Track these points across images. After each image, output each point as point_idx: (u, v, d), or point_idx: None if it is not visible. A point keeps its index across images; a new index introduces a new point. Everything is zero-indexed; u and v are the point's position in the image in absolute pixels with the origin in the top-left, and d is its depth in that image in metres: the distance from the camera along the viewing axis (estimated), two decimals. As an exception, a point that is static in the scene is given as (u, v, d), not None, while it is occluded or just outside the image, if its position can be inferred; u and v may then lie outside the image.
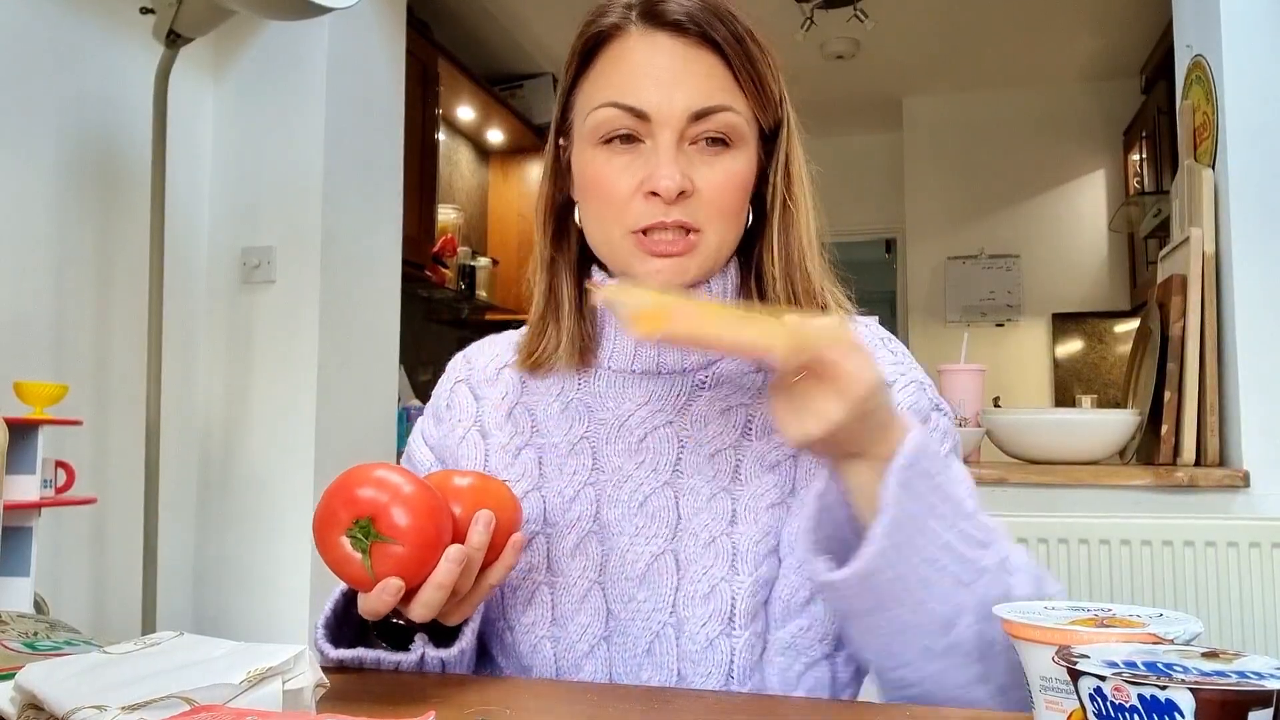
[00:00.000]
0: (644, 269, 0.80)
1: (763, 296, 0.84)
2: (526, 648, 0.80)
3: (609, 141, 0.81)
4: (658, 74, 0.79)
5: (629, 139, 0.80)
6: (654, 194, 0.78)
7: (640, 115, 0.79)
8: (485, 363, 0.93)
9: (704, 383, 0.84)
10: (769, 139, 0.86)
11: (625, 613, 0.78)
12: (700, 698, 0.70)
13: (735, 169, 0.81)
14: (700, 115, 0.79)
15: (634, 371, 0.85)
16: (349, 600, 0.78)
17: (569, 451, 0.84)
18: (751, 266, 0.86)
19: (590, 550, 0.81)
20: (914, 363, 0.87)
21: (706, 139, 0.80)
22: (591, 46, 0.83)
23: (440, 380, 0.97)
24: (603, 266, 0.86)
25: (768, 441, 0.81)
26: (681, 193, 0.78)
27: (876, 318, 0.94)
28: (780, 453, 0.81)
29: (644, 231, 0.79)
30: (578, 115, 0.85)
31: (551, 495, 0.83)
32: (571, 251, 0.89)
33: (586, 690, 0.73)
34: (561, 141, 0.89)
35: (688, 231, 0.79)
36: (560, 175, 0.89)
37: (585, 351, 0.86)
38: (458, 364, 0.96)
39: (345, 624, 0.79)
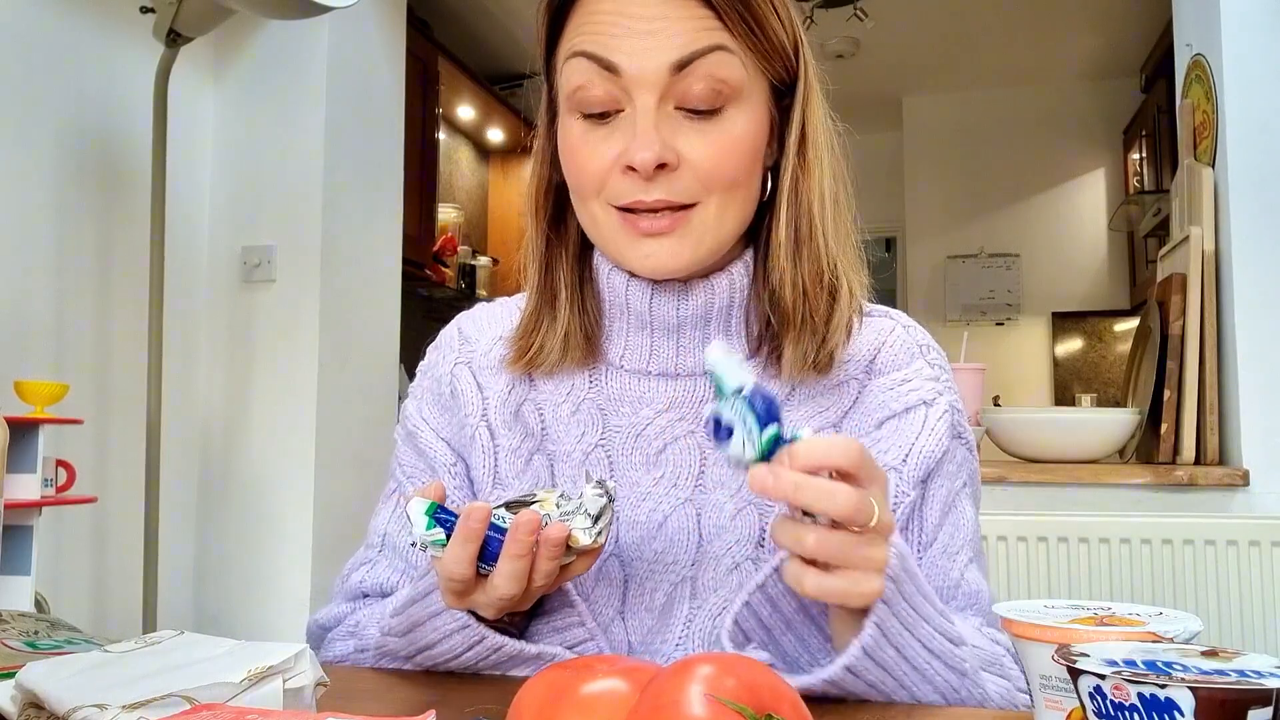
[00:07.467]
0: (635, 254, 0.72)
1: (767, 286, 0.75)
2: None
3: (588, 116, 0.72)
4: (631, 24, 0.69)
5: (607, 114, 0.71)
6: (631, 168, 0.69)
7: (611, 70, 0.69)
8: (487, 346, 0.83)
9: None
10: (784, 94, 0.75)
11: (645, 650, 0.72)
12: None
13: (733, 131, 0.70)
14: (684, 66, 0.68)
15: (650, 373, 0.77)
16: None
17: (582, 461, 0.77)
18: (761, 254, 0.76)
19: (613, 576, 0.74)
20: (951, 378, 0.80)
21: (696, 108, 0.70)
22: (561, 2, 0.74)
23: (431, 354, 0.87)
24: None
25: None
26: (663, 165, 0.69)
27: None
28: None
29: (629, 209, 0.71)
30: (557, 80, 0.76)
31: None
32: (570, 237, 0.80)
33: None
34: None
35: (678, 207, 0.70)
36: (556, 154, 0.79)
37: (587, 347, 0.78)
38: (453, 340, 0.86)
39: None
